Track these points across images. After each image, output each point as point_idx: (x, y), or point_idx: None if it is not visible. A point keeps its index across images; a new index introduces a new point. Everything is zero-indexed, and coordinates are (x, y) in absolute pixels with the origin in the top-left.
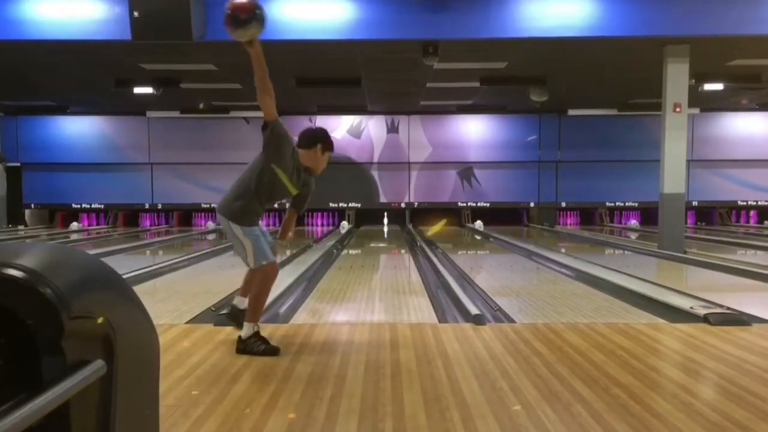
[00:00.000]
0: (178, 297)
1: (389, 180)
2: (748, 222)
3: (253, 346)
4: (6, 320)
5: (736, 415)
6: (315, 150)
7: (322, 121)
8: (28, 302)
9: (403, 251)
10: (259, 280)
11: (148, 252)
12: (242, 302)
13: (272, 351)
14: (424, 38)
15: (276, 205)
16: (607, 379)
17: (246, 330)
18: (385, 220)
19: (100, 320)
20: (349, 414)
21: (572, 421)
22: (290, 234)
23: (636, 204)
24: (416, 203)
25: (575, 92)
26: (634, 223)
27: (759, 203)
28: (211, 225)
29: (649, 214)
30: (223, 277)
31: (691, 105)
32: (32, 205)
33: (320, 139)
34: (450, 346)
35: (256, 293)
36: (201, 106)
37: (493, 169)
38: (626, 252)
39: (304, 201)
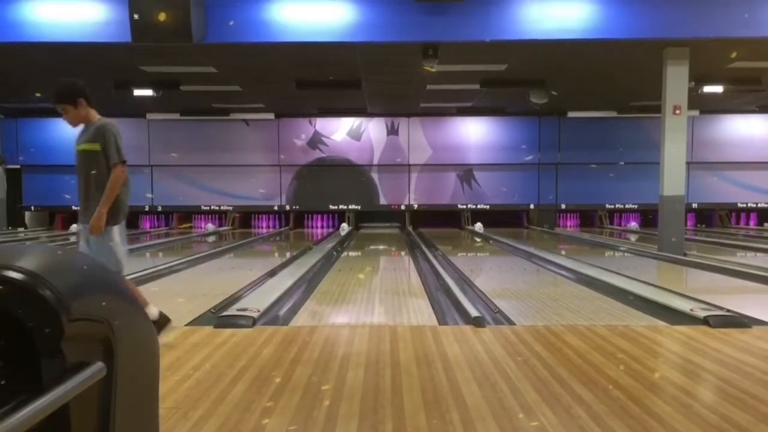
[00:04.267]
0: (178, 299)
1: (389, 182)
2: (747, 224)
3: None
4: (5, 322)
5: (735, 418)
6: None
7: (322, 123)
8: (28, 304)
9: (402, 253)
10: None
11: (147, 254)
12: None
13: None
14: (424, 40)
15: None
16: (607, 381)
17: None
18: (387, 223)
19: (99, 323)
20: (349, 416)
21: (572, 423)
22: None
23: (636, 206)
24: (416, 205)
25: (575, 94)
26: (633, 225)
27: (759, 205)
28: (210, 227)
29: (648, 217)
30: (222, 279)
31: (690, 107)
32: (32, 207)
33: (82, 93)
34: (450, 349)
35: None
36: None
37: (493, 171)
38: (626, 254)
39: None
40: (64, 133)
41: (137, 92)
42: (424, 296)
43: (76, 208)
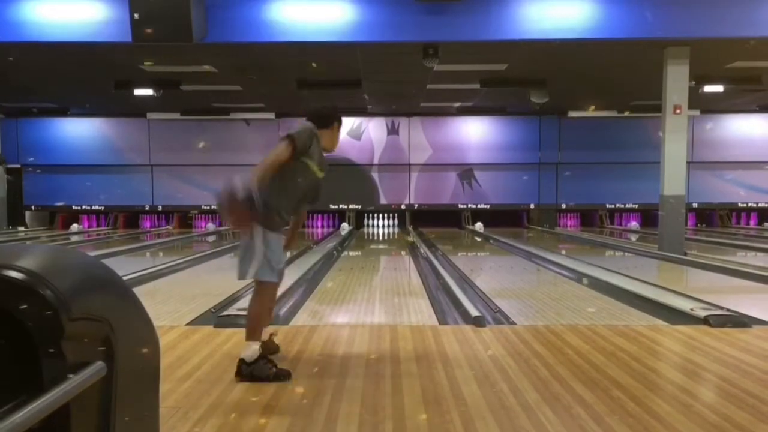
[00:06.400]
0: (179, 299)
1: (389, 181)
2: (748, 224)
3: (262, 370)
4: (6, 322)
5: (735, 417)
6: (332, 128)
7: None
8: (28, 304)
9: (403, 253)
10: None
11: (148, 254)
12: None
13: (284, 375)
14: (425, 40)
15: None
16: (608, 380)
17: (252, 351)
18: (386, 221)
19: (100, 322)
20: (350, 416)
21: (572, 423)
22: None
23: (636, 206)
24: (416, 205)
25: (575, 94)
26: (634, 224)
27: (759, 205)
28: (211, 227)
29: (649, 216)
30: (223, 278)
31: (691, 107)
32: (32, 207)
33: (335, 116)
34: (450, 348)
35: (258, 310)
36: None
37: (494, 170)
38: (626, 254)
39: (321, 187)
40: (65, 132)
41: (138, 92)
42: (425, 296)
43: (76, 207)
